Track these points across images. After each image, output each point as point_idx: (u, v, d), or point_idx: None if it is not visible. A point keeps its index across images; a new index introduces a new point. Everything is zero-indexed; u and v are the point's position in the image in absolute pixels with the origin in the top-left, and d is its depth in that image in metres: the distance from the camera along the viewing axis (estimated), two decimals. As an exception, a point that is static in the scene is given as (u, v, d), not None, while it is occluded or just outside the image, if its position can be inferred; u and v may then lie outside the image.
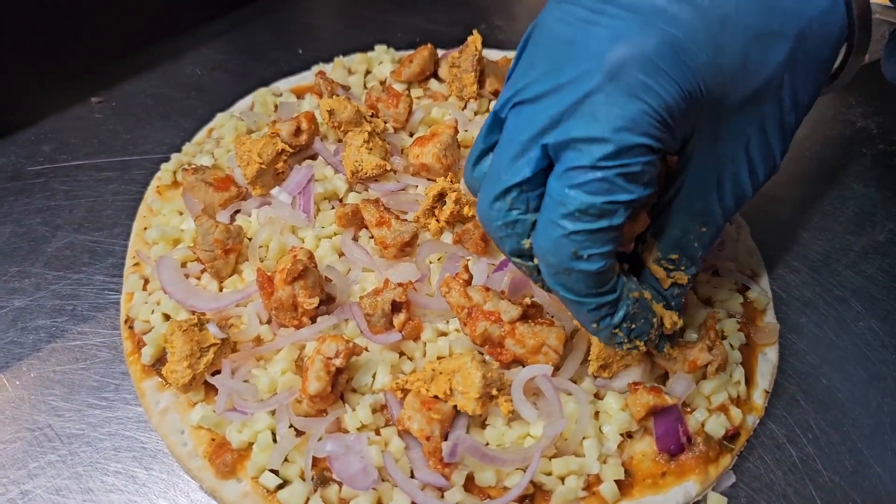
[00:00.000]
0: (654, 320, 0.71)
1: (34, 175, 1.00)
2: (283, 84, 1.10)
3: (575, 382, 0.77)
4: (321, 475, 0.71)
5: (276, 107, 1.05)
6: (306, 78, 1.12)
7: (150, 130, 1.06)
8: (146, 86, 1.13)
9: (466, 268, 0.81)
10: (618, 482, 0.72)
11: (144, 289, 0.85)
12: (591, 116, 0.59)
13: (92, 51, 1.15)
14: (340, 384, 0.74)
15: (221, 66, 1.17)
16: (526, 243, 0.65)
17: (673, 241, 0.71)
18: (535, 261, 0.66)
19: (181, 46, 1.19)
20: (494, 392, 0.72)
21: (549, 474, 0.72)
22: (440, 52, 1.12)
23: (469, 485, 0.71)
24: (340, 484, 0.71)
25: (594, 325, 0.68)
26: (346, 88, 1.06)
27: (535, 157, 0.62)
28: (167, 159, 1.00)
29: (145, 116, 1.08)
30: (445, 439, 0.71)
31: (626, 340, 0.69)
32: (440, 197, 0.87)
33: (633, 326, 0.69)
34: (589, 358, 0.76)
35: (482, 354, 0.77)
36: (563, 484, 0.71)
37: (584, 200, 0.59)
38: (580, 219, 0.60)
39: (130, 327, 0.82)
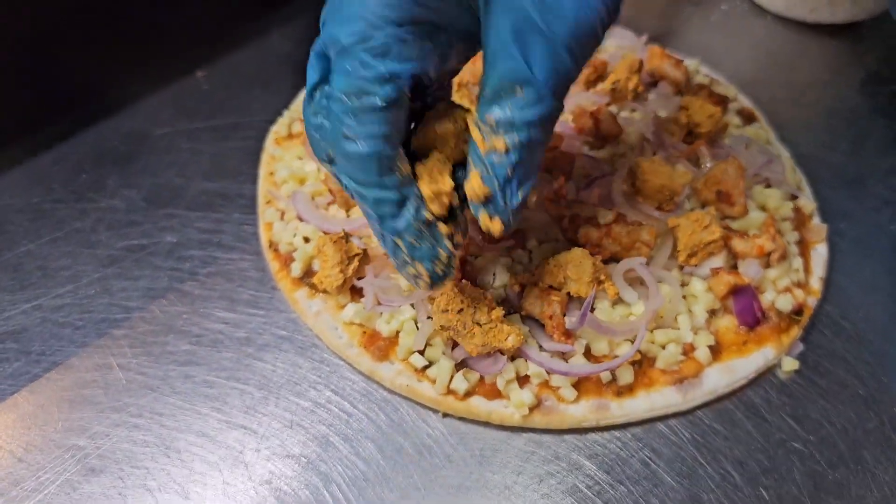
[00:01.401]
0: (442, 253, 0.72)
1: (160, 136, 1.13)
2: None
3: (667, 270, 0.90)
4: (460, 361, 0.85)
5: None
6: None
7: (253, 96, 1.19)
8: (243, 59, 1.26)
9: (562, 185, 0.95)
10: (709, 348, 0.86)
11: (282, 219, 0.98)
12: (341, 11, 0.65)
13: (190, 31, 1.28)
14: (468, 275, 0.87)
15: (306, 42, 1.28)
16: (330, 150, 0.69)
17: (486, 102, 0.66)
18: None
19: (268, 26, 1.32)
20: (602, 277, 0.86)
21: (653, 343, 0.85)
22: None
23: (585, 354, 0.85)
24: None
25: (378, 228, 0.71)
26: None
27: (317, 63, 0.68)
28: (273, 120, 1.14)
29: (247, 85, 1.21)
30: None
31: (408, 260, 0.72)
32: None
33: (417, 245, 0.71)
34: (678, 250, 0.90)
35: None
36: (664, 350, 0.85)
37: (342, 83, 0.64)
38: (346, 101, 0.65)
39: (275, 250, 0.95)
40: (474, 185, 0.69)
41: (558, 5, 0.63)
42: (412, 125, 0.75)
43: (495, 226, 0.71)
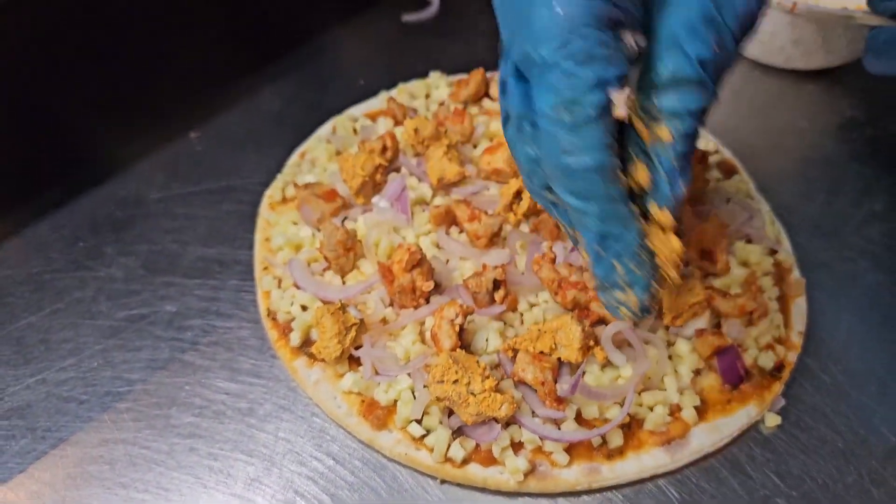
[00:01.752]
0: (654, 286, 0.73)
1: (155, 202, 1.15)
2: (356, 110, 1.27)
3: (652, 332, 0.94)
4: (456, 428, 0.87)
5: (355, 130, 1.21)
6: (373, 105, 1.28)
7: (246, 157, 1.22)
8: (234, 120, 1.29)
9: (551, 248, 0.99)
10: (695, 408, 0.89)
11: (279, 287, 1.01)
12: (529, 25, 0.62)
13: (182, 93, 1.31)
14: (463, 341, 0.91)
15: (296, 99, 1.33)
16: (548, 173, 0.68)
17: (654, 91, 0.67)
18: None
19: (257, 84, 1.35)
20: (591, 343, 0.89)
21: (641, 405, 0.89)
22: (488, 75, 1.29)
23: (576, 419, 0.88)
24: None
25: (597, 249, 0.70)
26: (414, 111, 1.24)
27: (516, 90, 0.66)
28: (267, 181, 1.16)
29: (239, 146, 1.24)
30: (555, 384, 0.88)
31: (622, 285, 0.72)
32: (517, 194, 1.03)
33: (636, 271, 0.71)
34: (663, 311, 0.93)
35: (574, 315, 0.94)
36: (652, 412, 0.88)
37: (550, 99, 0.62)
38: (558, 117, 0.63)
39: (273, 319, 0.98)
40: (640, 176, 0.70)
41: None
42: None
43: (665, 217, 0.71)
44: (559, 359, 0.89)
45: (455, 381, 0.83)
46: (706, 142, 1.21)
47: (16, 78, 1.22)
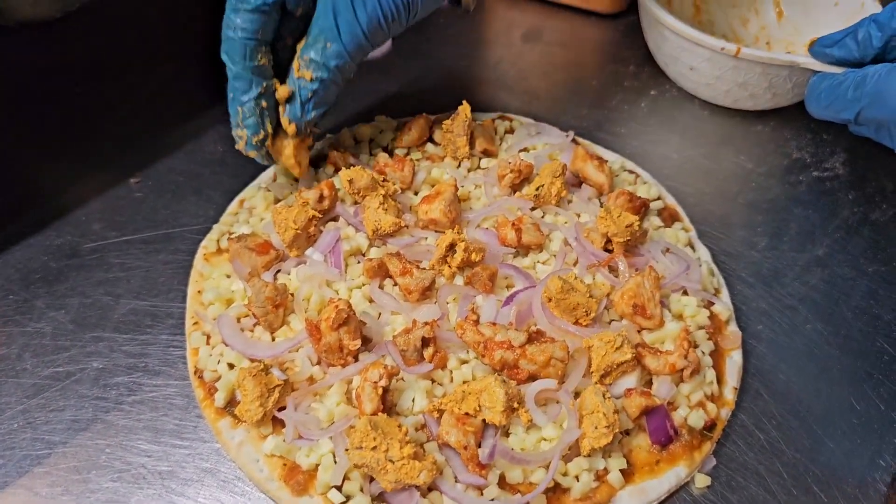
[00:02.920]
0: (262, 131, 1.03)
1: (90, 251, 1.13)
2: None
3: (578, 393, 0.93)
4: (378, 494, 0.86)
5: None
6: (315, 148, 1.27)
7: (185, 205, 1.21)
8: (176, 164, 1.27)
9: (473, 310, 0.98)
10: (621, 471, 0.88)
11: (207, 344, 0.99)
12: None
13: (123, 135, 1.30)
14: (388, 402, 0.89)
15: (239, 142, 1.32)
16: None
17: (307, 45, 1.00)
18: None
19: (201, 126, 1.34)
20: (515, 405, 0.88)
21: (566, 474, 0.88)
22: (432, 118, 1.29)
23: (500, 483, 0.87)
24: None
25: (234, 96, 1.01)
26: (356, 156, 1.23)
27: None
28: (205, 229, 1.15)
29: (179, 192, 1.23)
30: (479, 447, 0.87)
31: (239, 124, 1.03)
32: (451, 247, 1.03)
33: (248, 116, 1.02)
34: (591, 370, 0.92)
35: (500, 376, 0.93)
36: (577, 481, 0.87)
37: None
38: (234, 3, 0.96)
39: (200, 377, 0.96)
40: (280, 92, 1.03)
41: (362, 1, 0.98)
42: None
43: (291, 127, 1.05)
44: (484, 420, 0.88)
45: (374, 448, 0.82)
46: (649, 188, 1.21)
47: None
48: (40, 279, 1.10)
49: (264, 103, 1.02)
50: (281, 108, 1.05)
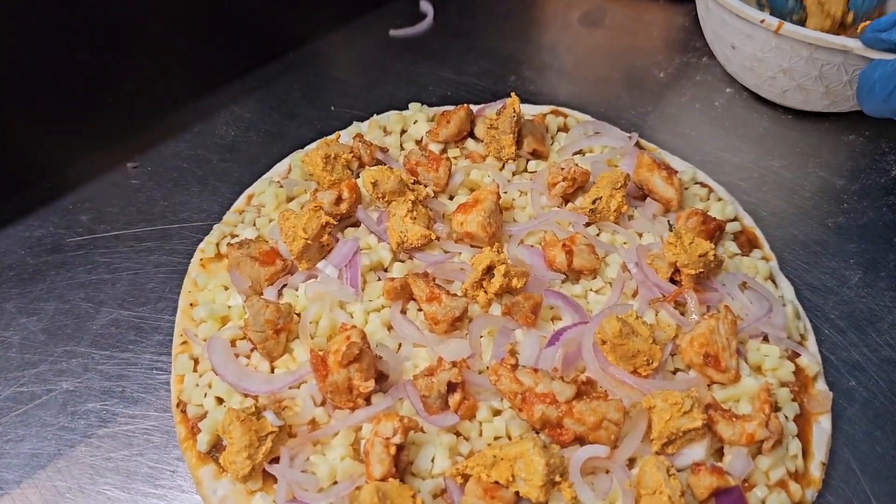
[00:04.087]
0: None
1: (74, 247, 0.99)
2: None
3: (634, 460, 0.76)
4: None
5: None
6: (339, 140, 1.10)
7: (187, 196, 1.06)
8: (180, 148, 1.13)
9: (513, 352, 0.82)
10: (685, 566, 0.72)
11: (195, 370, 0.85)
12: None
13: (124, 114, 1.15)
14: (403, 462, 0.74)
15: (254, 126, 1.17)
16: None
17: None
18: None
19: (213, 106, 1.19)
20: (557, 478, 0.72)
21: (618, 568, 0.72)
22: (474, 109, 1.12)
23: (535, 573, 0.71)
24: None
25: None
26: (385, 150, 1.06)
27: None
28: (207, 227, 1.00)
29: (182, 181, 1.08)
30: (509, 527, 0.71)
31: None
32: (488, 270, 0.86)
33: None
34: (651, 437, 0.76)
35: (539, 435, 0.77)
36: (632, 576, 0.71)
37: None
38: None
39: (183, 411, 0.82)
40: None
41: None
42: None
43: None
44: (517, 492, 0.72)
45: None
46: (724, 206, 1.03)
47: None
48: (14, 277, 0.96)
49: None
50: None
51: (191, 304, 0.91)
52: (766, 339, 0.89)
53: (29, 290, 0.94)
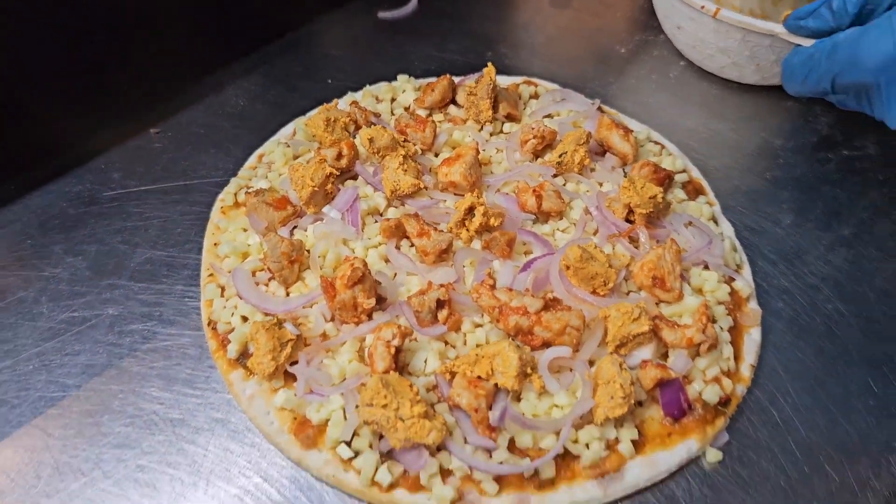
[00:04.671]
0: None
1: (109, 200, 1.13)
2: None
3: (593, 362, 0.92)
4: (386, 452, 0.86)
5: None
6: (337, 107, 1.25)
7: (205, 157, 1.20)
8: (196, 116, 1.27)
9: (490, 274, 0.97)
10: (632, 442, 0.88)
11: (222, 296, 0.99)
12: None
13: (147, 87, 1.29)
14: (400, 362, 0.89)
15: (260, 97, 1.31)
16: None
17: None
18: None
19: (223, 80, 1.33)
20: (528, 371, 0.87)
21: (576, 442, 0.87)
22: (456, 80, 1.27)
23: (510, 447, 0.86)
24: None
25: None
26: (377, 115, 1.21)
27: None
28: (224, 182, 1.15)
29: (199, 144, 1.22)
30: (489, 411, 0.87)
31: None
32: (469, 210, 1.01)
33: None
34: (607, 340, 0.91)
35: (514, 341, 0.92)
36: (588, 449, 0.87)
37: None
38: None
39: (213, 328, 0.96)
40: None
41: None
42: None
43: None
44: (496, 384, 0.87)
45: (384, 406, 0.82)
46: (674, 160, 1.18)
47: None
48: (58, 225, 1.10)
49: None
50: None
51: (214, 244, 1.05)
52: (706, 267, 1.04)
53: (72, 236, 1.08)
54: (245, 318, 0.96)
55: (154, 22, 1.35)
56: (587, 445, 0.87)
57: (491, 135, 1.20)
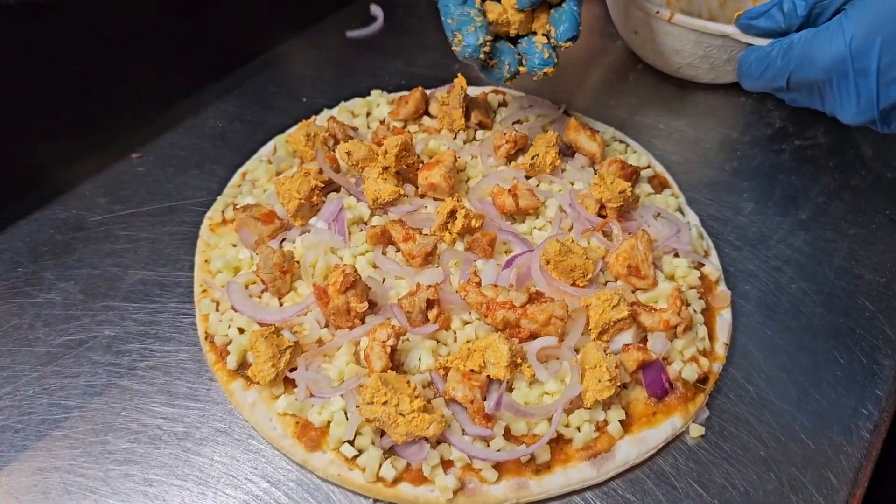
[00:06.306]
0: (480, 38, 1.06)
1: (96, 224, 1.15)
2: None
3: (578, 350, 0.97)
4: (388, 448, 0.90)
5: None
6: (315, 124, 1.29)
7: (188, 178, 1.23)
8: (176, 139, 1.30)
9: (476, 272, 1.02)
10: (620, 422, 0.93)
11: (217, 310, 1.02)
12: None
13: (126, 113, 1.32)
14: (396, 361, 0.93)
15: (238, 118, 1.35)
16: None
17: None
18: None
19: (200, 102, 1.36)
20: (518, 361, 0.92)
21: (567, 426, 0.92)
22: (427, 92, 1.31)
23: (505, 435, 0.90)
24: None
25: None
26: (355, 129, 1.25)
27: None
28: (208, 201, 1.18)
29: (181, 166, 1.25)
30: (484, 401, 0.91)
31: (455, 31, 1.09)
32: (451, 213, 1.06)
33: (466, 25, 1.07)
34: (590, 328, 0.96)
35: (503, 335, 0.96)
36: (579, 431, 0.91)
37: None
38: None
39: (211, 342, 0.99)
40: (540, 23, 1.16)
41: None
42: None
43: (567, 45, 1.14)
44: (489, 376, 0.92)
45: (384, 403, 0.86)
46: (639, 157, 1.25)
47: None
48: (48, 252, 1.12)
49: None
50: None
51: (206, 261, 1.08)
52: (676, 254, 1.10)
53: (63, 261, 1.10)
54: (242, 330, 0.99)
55: (130, 50, 1.37)
56: (578, 428, 0.91)
57: (465, 142, 1.25)
